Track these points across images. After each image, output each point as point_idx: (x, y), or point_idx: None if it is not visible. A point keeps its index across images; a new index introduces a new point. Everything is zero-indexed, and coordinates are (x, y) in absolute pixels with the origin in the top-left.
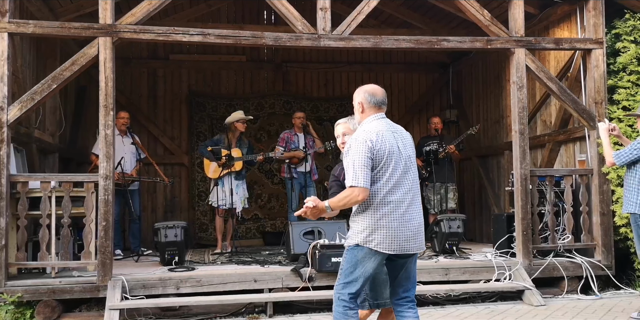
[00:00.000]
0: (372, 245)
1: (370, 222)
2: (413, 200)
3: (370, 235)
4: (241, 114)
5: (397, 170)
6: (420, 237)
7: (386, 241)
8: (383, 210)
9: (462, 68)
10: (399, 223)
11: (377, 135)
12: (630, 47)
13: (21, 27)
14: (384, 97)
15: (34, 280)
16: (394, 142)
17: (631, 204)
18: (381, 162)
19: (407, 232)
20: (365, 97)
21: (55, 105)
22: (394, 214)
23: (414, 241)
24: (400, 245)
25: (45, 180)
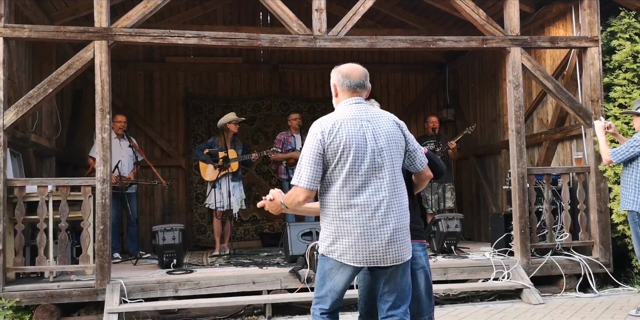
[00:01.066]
0: (335, 255)
1: (332, 228)
2: (388, 203)
3: (332, 244)
4: (233, 115)
5: (359, 167)
6: (397, 247)
7: (350, 251)
8: (345, 215)
9: (458, 67)
10: (365, 230)
11: (334, 125)
12: (625, 44)
13: (16, 32)
14: (361, 78)
15: (32, 284)
16: (359, 133)
17: (628, 201)
18: (335, 158)
19: (376, 241)
20: (338, 78)
21: (51, 109)
22: (359, 219)
23: (387, 251)
24: (368, 257)
25: (42, 185)
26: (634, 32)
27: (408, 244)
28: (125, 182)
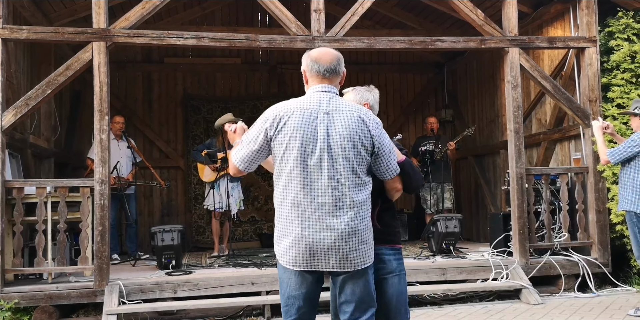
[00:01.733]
0: (279, 257)
1: (278, 227)
2: (334, 206)
3: (277, 245)
4: (230, 116)
5: (304, 163)
6: (343, 252)
7: (289, 253)
8: (287, 213)
9: (456, 68)
10: (304, 231)
11: (284, 115)
12: (623, 45)
13: (15, 33)
14: (332, 64)
15: (31, 286)
16: (311, 126)
17: (626, 201)
18: (281, 151)
19: (316, 245)
20: (307, 64)
21: (50, 111)
22: (300, 219)
23: (330, 257)
24: (308, 260)
25: (40, 186)
26: (632, 32)
27: (363, 251)
28: (123, 184)
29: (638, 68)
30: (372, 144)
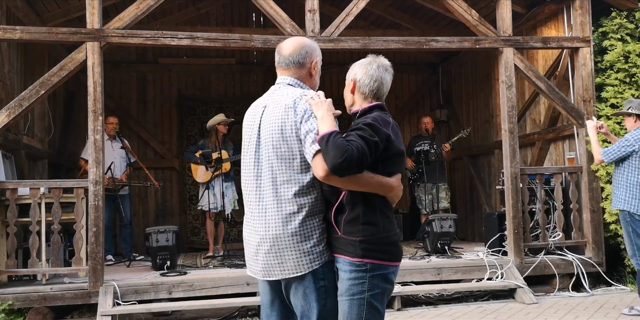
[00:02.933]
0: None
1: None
2: (257, 208)
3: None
4: (222, 117)
5: (247, 162)
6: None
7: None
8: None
9: (451, 68)
10: (245, 234)
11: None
12: (617, 45)
13: (8, 33)
14: (292, 55)
15: (25, 287)
16: (254, 122)
17: (620, 200)
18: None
19: (249, 248)
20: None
21: (44, 111)
22: (245, 221)
23: (256, 262)
24: (249, 263)
25: (34, 187)
26: (625, 32)
27: (286, 260)
28: (117, 184)
29: (632, 68)
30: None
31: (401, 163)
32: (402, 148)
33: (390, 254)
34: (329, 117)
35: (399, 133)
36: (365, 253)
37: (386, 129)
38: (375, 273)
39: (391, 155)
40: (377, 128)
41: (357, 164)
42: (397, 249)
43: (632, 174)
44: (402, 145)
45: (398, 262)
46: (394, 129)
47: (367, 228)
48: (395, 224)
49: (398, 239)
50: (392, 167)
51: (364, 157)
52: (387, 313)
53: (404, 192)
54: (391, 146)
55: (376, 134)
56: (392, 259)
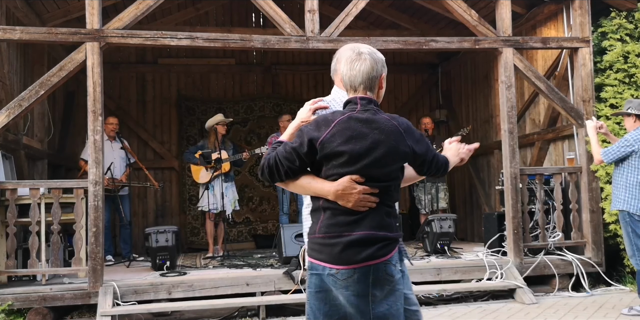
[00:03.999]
0: None
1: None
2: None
3: None
4: (221, 117)
5: None
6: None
7: None
8: None
9: (450, 68)
10: None
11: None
12: (616, 45)
13: (8, 33)
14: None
15: (25, 287)
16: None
17: (619, 201)
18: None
19: None
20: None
21: (43, 111)
22: None
23: None
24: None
25: (34, 187)
26: (624, 32)
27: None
28: (117, 184)
29: (631, 68)
30: None
31: (347, 164)
32: (341, 149)
33: (324, 254)
34: (289, 128)
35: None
36: (307, 251)
37: (317, 133)
38: (313, 272)
39: (325, 157)
40: (302, 137)
41: (268, 173)
42: (333, 251)
43: (632, 174)
44: (348, 144)
45: (337, 265)
46: (339, 125)
47: (310, 228)
48: (351, 226)
49: (344, 242)
50: (333, 169)
51: (272, 167)
52: None
53: (404, 193)
54: (323, 148)
55: (299, 141)
56: (326, 259)
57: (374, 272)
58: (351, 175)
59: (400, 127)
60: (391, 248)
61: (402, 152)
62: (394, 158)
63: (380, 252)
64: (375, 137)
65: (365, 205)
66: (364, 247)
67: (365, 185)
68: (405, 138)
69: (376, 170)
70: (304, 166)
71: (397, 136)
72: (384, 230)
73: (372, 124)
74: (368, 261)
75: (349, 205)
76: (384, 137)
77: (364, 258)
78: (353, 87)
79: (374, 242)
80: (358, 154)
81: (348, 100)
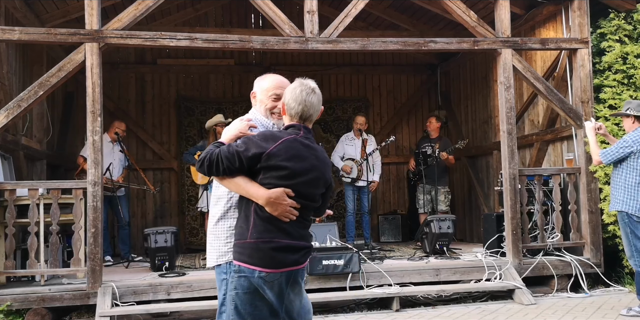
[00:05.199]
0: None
1: None
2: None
3: None
4: (221, 117)
5: None
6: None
7: None
8: None
9: (450, 69)
10: None
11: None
12: (615, 46)
13: (7, 34)
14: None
15: (23, 288)
16: None
17: (618, 201)
18: None
19: None
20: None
21: (42, 112)
22: None
23: None
24: None
25: (33, 188)
26: (623, 33)
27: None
28: (115, 184)
29: (630, 69)
30: None
31: (284, 178)
32: (284, 164)
33: (256, 259)
34: (226, 134)
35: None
36: (234, 255)
37: (265, 144)
38: (241, 275)
39: (266, 167)
40: (249, 144)
41: (207, 166)
42: (265, 256)
43: (630, 175)
44: (290, 161)
45: (267, 269)
46: (286, 143)
47: (238, 232)
48: (278, 233)
49: (275, 248)
50: (271, 179)
51: (213, 162)
52: (386, 313)
53: (403, 194)
54: (269, 159)
55: (245, 147)
56: (257, 263)
57: (294, 276)
58: (285, 188)
59: (327, 160)
60: (309, 256)
61: (326, 180)
62: (321, 183)
63: (302, 259)
64: (313, 161)
65: (288, 216)
66: (290, 254)
67: (294, 200)
68: (329, 169)
69: (306, 189)
70: (242, 169)
71: (327, 166)
72: (304, 241)
73: (312, 150)
74: (293, 266)
75: (275, 213)
76: (319, 164)
77: (291, 263)
78: (303, 116)
79: (299, 250)
80: (297, 171)
81: (292, 125)
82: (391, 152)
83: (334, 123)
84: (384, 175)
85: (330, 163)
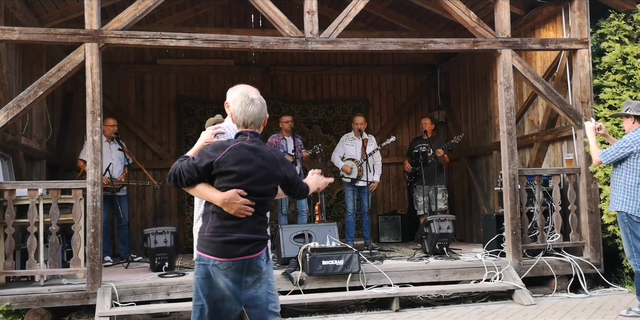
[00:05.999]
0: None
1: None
2: None
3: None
4: (220, 118)
5: None
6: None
7: None
8: None
9: (449, 69)
10: None
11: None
12: (615, 46)
13: (6, 34)
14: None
15: (23, 288)
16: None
17: (617, 202)
18: None
19: None
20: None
21: (42, 112)
22: None
23: None
24: None
25: (32, 188)
26: (623, 34)
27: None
28: (116, 184)
29: (629, 69)
30: None
31: (235, 180)
32: (232, 169)
33: (211, 249)
34: (196, 145)
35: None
36: (197, 246)
37: (214, 154)
38: (200, 262)
39: (218, 174)
40: (202, 156)
41: (173, 180)
42: (218, 247)
43: (630, 176)
44: (237, 166)
45: (220, 258)
46: (232, 150)
47: (200, 228)
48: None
49: (226, 240)
50: (223, 183)
51: (177, 176)
52: (386, 314)
53: (402, 195)
54: (218, 166)
55: (199, 159)
56: (212, 253)
57: (247, 265)
58: (237, 189)
59: (278, 157)
60: (261, 247)
61: (277, 176)
62: (271, 180)
63: (253, 250)
64: (259, 162)
65: (243, 213)
66: (241, 245)
67: (246, 198)
68: (280, 166)
69: (256, 187)
70: (202, 178)
71: (275, 163)
72: (257, 234)
73: (257, 152)
74: (244, 256)
75: (231, 211)
76: (265, 163)
77: (241, 253)
78: (245, 124)
79: (249, 242)
80: (245, 173)
81: (240, 132)
82: (391, 153)
83: (334, 123)
84: (384, 175)
85: (281, 158)
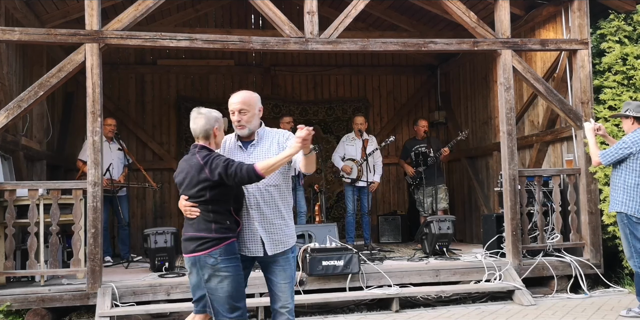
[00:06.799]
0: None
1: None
2: None
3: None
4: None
5: None
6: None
7: None
8: None
9: (449, 70)
10: None
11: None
12: (615, 47)
13: (7, 34)
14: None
15: (23, 288)
16: None
17: (617, 202)
18: None
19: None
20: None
21: (42, 112)
22: None
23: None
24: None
25: (32, 188)
26: (623, 34)
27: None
28: (116, 185)
29: (630, 70)
30: None
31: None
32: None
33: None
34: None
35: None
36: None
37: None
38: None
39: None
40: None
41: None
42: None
43: (630, 176)
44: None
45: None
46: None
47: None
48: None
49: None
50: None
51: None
52: (385, 314)
53: (403, 194)
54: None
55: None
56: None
57: (199, 261)
58: (182, 195)
59: (202, 161)
60: (209, 245)
61: (201, 178)
62: (196, 183)
63: (200, 248)
64: (186, 169)
65: (189, 215)
66: (190, 243)
67: (189, 201)
68: (204, 168)
69: (187, 191)
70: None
71: (198, 168)
72: (202, 232)
73: (189, 161)
74: (193, 253)
75: (185, 214)
76: (189, 169)
77: (191, 251)
78: (195, 136)
79: (197, 240)
80: (180, 182)
81: (193, 145)
82: (391, 153)
83: (334, 123)
84: (384, 175)
85: (205, 162)
